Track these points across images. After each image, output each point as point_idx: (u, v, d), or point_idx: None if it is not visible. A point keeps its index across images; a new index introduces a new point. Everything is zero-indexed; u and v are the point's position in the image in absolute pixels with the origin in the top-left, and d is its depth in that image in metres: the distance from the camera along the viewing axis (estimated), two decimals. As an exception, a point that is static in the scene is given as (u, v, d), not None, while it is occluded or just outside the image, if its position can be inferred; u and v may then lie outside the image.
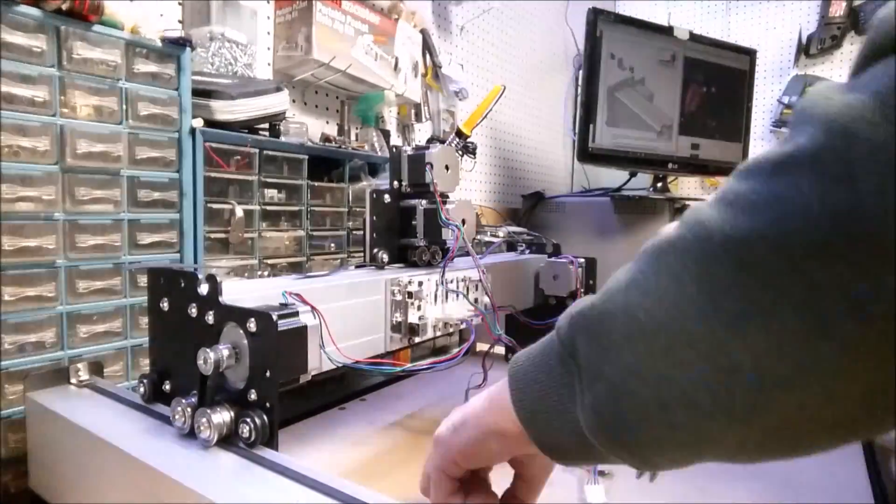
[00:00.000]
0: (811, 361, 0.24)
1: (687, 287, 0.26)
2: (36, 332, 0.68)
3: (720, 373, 0.26)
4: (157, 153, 0.79)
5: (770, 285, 0.24)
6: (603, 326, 0.30)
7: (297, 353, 0.48)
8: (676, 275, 0.27)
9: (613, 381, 0.29)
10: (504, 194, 2.07)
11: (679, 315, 0.27)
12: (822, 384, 0.24)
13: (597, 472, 0.58)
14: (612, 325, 0.29)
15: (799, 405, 0.25)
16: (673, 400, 0.27)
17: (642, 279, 0.29)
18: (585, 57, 1.82)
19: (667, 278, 0.27)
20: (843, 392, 0.24)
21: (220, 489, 0.41)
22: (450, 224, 0.69)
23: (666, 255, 0.28)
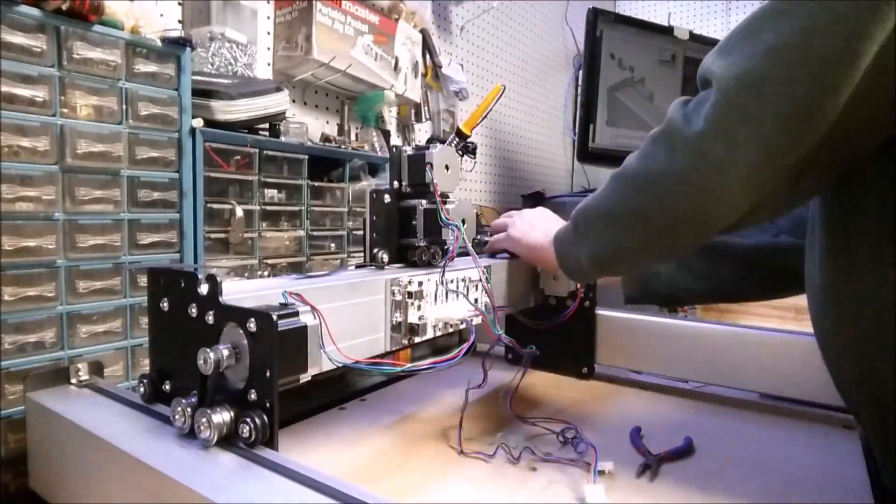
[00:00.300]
0: (629, 204, 0.57)
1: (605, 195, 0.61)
2: (36, 332, 0.68)
3: (618, 223, 0.59)
4: (157, 153, 0.79)
5: (629, 193, 0.57)
6: (585, 215, 0.64)
7: (297, 353, 0.48)
8: (604, 190, 0.61)
9: (590, 244, 0.63)
10: (504, 194, 2.07)
11: (606, 205, 0.60)
12: (632, 213, 0.57)
13: (597, 473, 0.58)
14: (587, 214, 0.64)
15: (631, 220, 0.57)
16: (606, 230, 0.60)
17: (600, 191, 0.62)
18: (585, 57, 1.82)
19: (606, 190, 0.61)
20: (636, 218, 0.57)
21: (220, 489, 0.41)
22: (450, 224, 0.69)
23: (609, 181, 0.60)
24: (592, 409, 0.80)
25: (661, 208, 0.53)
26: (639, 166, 0.56)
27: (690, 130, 0.49)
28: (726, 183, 0.48)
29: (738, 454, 0.66)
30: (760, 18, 0.45)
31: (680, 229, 0.54)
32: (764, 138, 0.45)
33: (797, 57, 0.42)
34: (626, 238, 0.58)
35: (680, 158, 0.51)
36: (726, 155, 0.47)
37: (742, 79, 0.45)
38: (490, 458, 0.63)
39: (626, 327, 0.90)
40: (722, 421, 0.77)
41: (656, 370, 0.89)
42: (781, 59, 0.43)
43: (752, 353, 0.80)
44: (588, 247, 0.63)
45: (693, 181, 0.50)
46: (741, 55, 0.46)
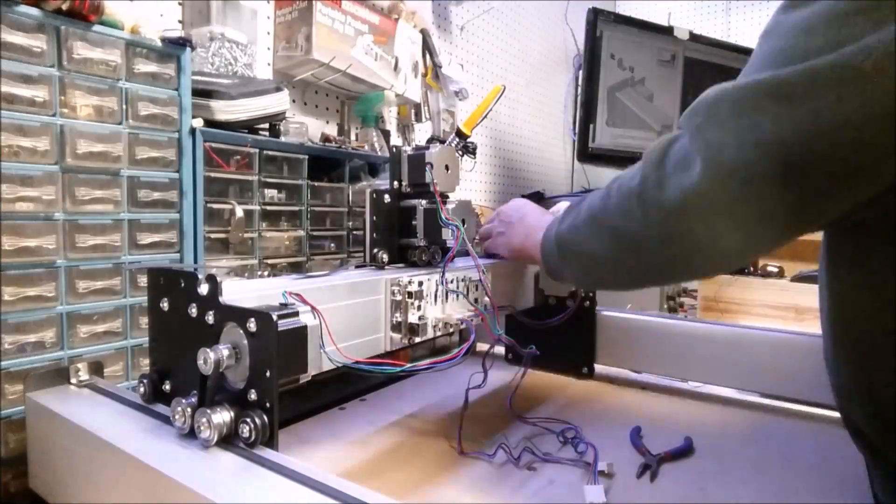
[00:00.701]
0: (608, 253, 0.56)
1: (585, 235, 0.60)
2: (36, 332, 0.67)
3: (598, 264, 0.59)
4: (157, 153, 0.79)
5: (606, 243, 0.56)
6: (567, 243, 0.63)
7: (297, 353, 0.48)
8: (584, 225, 0.60)
9: (575, 270, 0.64)
10: (504, 194, 2.07)
11: (586, 245, 0.60)
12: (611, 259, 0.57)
13: (597, 473, 0.58)
14: (569, 244, 0.63)
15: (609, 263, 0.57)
16: (587, 263, 0.61)
17: (579, 221, 0.61)
18: (585, 57, 1.82)
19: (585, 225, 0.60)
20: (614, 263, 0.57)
21: (220, 489, 0.41)
22: (450, 224, 0.69)
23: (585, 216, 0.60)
24: (592, 409, 0.80)
25: (638, 263, 0.53)
26: (615, 221, 0.54)
27: (667, 202, 0.46)
28: (704, 259, 0.48)
29: (738, 454, 0.66)
30: (759, 97, 0.40)
31: (657, 280, 0.59)
32: (750, 235, 0.43)
33: (796, 158, 0.38)
34: (607, 276, 0.61)
35: (656, 229, 0.48)
36: (707, 243, 0.45)
37: (731, 167, 0.41)
38: (490, 458, 0.63)
39: (626, 327, 0.90)
40: (722, 421, 0.77)
41: (656, 370, 0.89)
42: (777, 155, 0.39)
43: (752, 353, 0.80)
44: (573, 271, 0.65)
45: (670, 254, 0.49)
46: (732, 136, 0.41)
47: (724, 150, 0.41)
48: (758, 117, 0.39)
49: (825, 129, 0.37)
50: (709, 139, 0.42)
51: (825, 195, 0.39)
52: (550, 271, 0.70)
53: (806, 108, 0.37)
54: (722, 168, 0.41)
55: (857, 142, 0.36)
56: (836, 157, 0.37)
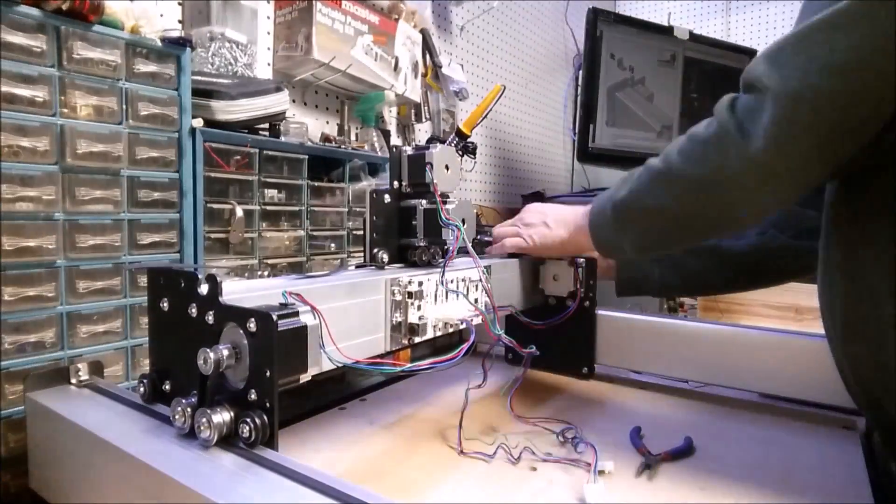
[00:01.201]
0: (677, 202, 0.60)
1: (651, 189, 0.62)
2: (36, 332, 0.67)
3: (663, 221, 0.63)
4: (157, 153, 0.79)
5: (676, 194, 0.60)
6: (625, 207, 0.66)
7: (297, 353, 0.48)
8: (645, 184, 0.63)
9: (636, 235, 0.67)
10: (504, 194, 2.07)
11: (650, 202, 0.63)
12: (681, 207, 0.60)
13: (596, 472, 0.58)
14: (627, 207, 0.66)
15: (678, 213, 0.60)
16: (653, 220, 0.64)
17: (639, 185, 0.64)
18: (585, 57, 1.82)
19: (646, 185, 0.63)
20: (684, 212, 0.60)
21: (220, 489, 0.41)
22: (450, 224, 0.69)
23: (642, 174, 0.64)
24: (592, 409, 0.80)
25: (707, 212, 0.57)
26: (687, 168, 0.57)
27: (750, 145, 0.50)
28: (777, 188, 0.51)
29: (738, 454, 0.66)
30: (815, 31, 0.46)
31: (723, 226, 0.59)
32: (822, 151, 0.47)
33: (854, 76, 0.44)
34: (671, 233, 0.63)
35: (738, 169, 0.52)
36: (785, 169, 0.49)
37: (800, 95, 0.46)
38: (490, 458, 0.63)
39: (626, 327, 0.90)
40: (722, 421, 0.77)
41: (656, 370, 0.89)
42: (837, 76, 0.44)
43: (752, 353, 0.80)
44: (633, 237, 0.67)
45: (747, 188, 0.52)
46: (796, 69, 0.46)
47: (789, 83, 0.47)
48: (816, 50, 0.45)
49: (880, 44, 0.42)
50: (775, 79, 0.48)
51: (886, 103, 0.44)
52: (603, 244, 0.72)
53: (858, 32, 0.43)
54: (793, 98, 0.46)
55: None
56: (886, 63, 0.42)
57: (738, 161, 0.52)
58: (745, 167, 0.51)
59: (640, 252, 0.69)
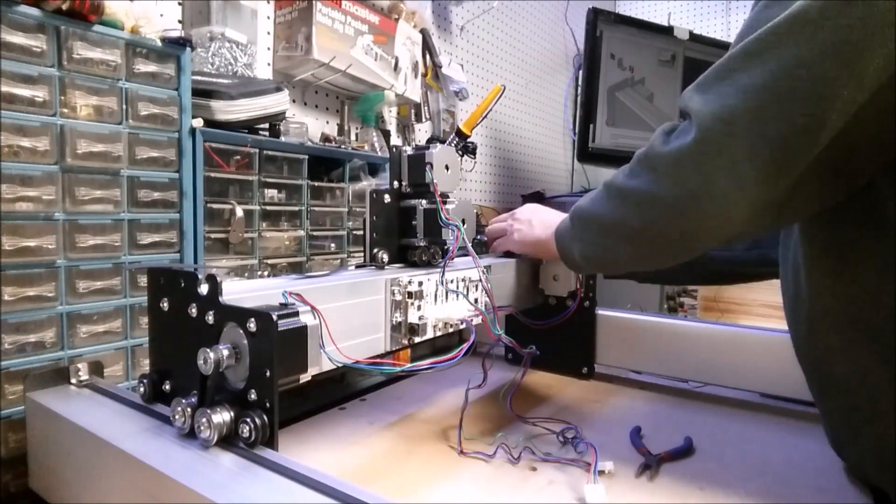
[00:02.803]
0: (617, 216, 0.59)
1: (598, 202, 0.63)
2: (36, 332, 0.67)
3: (606, 233, 0.62)
4: (157, 153, 0.79)
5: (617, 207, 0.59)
6: (580, 215, 0.67)
7: (297, 353, 0.48)
8: (598, 196, 0.63)
9: (583, 243, 0.66)
10: (504, 194, 2.07)
11: (597, 213, 0.63)
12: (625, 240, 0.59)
13: (597, 473, 0.58)
14: (582, 215, 0.66)
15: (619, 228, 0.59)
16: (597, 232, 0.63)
17: (595, 195, 0.64)
18: (585, 57, 1.82)
19: (599, 196, 0.63)
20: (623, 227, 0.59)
21: (220, 489, 0.41)
22: (450, 224, 0.69)
23: (602, 188, 0.63)
24: (592, 409, 0.80)
25: (643, 227, 0.56)
26: (624, 182, 0.58)
27: (670, 157, 0.52)
28: (704, 213, 0.50)
29: (738, 454, 0.66)
30: (735, 59, 0.47)
31: (659, 250, 0.57)
32: (737, 173, 0.47)
33: (766, 97, 0.45)
34: (612, 247, 0.62)
35: (660, 182, 0.53)
36: (703, 186, 0.49)
37: (717, 116, 0.47)
38: (490, 458, 0.63)
39: (626, 327, 0.90)
40: (722, 421, 0.77)
41: (656, 370, 0.89)
42: (753, 99, 0.45)
43: (752, 353, 0.80)
44: (580, 246, 0.67)
45: (672, 207, 0.52)
46: (717, 93, 0.48)
47: (709, 105, 0.48)
48: (735, 75, 0.47)
49: (787, 68, 0.44)
50: (699, 102, 0.49)
51: (796, 128, 0.44)
52: (561, 250, 0.72)
53: (770, 56, 0.45)
54: (709, 117, 0.48)
55: (814, 75, 0.42)
56: (800, 90, 0.43)
57: (663, 172, 0.52)
58: (668, 180, 0.52)
59: (586, 264, 0.68)
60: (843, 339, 0.53)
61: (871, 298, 0.50)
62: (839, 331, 0.53)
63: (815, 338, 0.57)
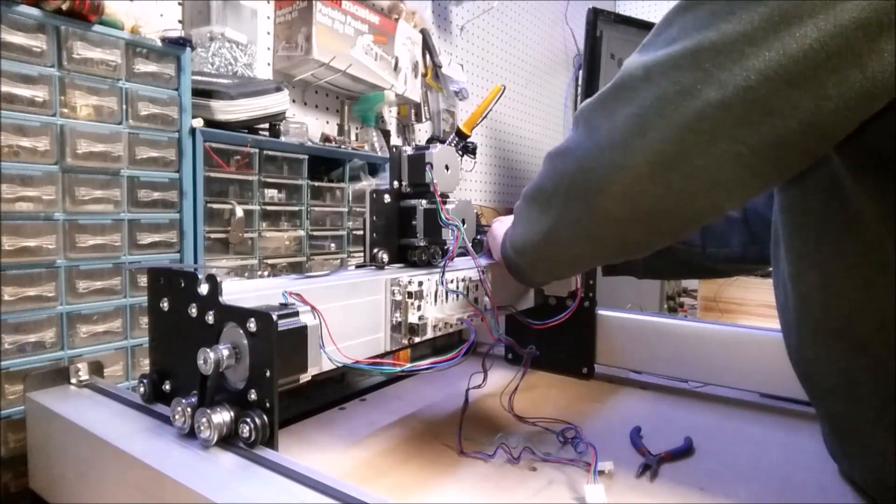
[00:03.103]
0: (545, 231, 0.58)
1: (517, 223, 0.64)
2: (36, 332, 0.68)
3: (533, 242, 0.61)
4: (157, 153, 0.79)
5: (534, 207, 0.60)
6: (516, 247, 0.65)
7: (297, 353, 0.48)
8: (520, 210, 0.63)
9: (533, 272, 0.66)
10: (504, 194, 2.07)
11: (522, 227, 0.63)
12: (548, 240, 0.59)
13: (597, 473, 0.58)
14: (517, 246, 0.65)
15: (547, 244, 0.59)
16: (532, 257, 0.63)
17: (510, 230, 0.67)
18: (585, 57, 1.82)
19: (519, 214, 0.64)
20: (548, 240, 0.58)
21: (220, 489, 0.41)
22: (450, 224, 0.69)
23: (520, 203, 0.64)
24: (592, 409, 0.80)
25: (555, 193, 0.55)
26: (532, 186, 0.60)
27: (587, 107, 0.50)
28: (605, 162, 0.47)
29: (738, 454, 0.66)
30: (671, 14, 0.44)
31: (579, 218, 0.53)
32: (641, 118, 0.44)
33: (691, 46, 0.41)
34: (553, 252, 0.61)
35: (571, 151, 0.52)
36: (606, 132, 0.47)
37: (638, 63, 0.45)
38: (490, 458, 0.63)
39: (626, 327, 0.90)
40: (722, 421, 0.77)
41: (656, 370, 0.89)
42: (677, 48, 0.42)
43: (752, 353, 0.80)
44: (532, 275, 0.68)
45: (579, 158, 0.50)
46: (649, 47, 0.45)
47: (639, 57, 0.46)
48: (667, 29, 0.44)
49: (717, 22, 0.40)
50: (631, 57, 0.47)
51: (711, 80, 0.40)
52: (524, 282, 0.71)
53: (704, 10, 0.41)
54: (631, 65, 0.46)
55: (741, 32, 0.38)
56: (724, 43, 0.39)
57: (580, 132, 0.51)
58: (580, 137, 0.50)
59: (548, 278, 0.70)
60: (830, 350, 0.53)
61: (856, 311, 0.49)
62: (826, 342, 0.53)
63: (804, 348, 0.57)
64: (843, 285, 0.50)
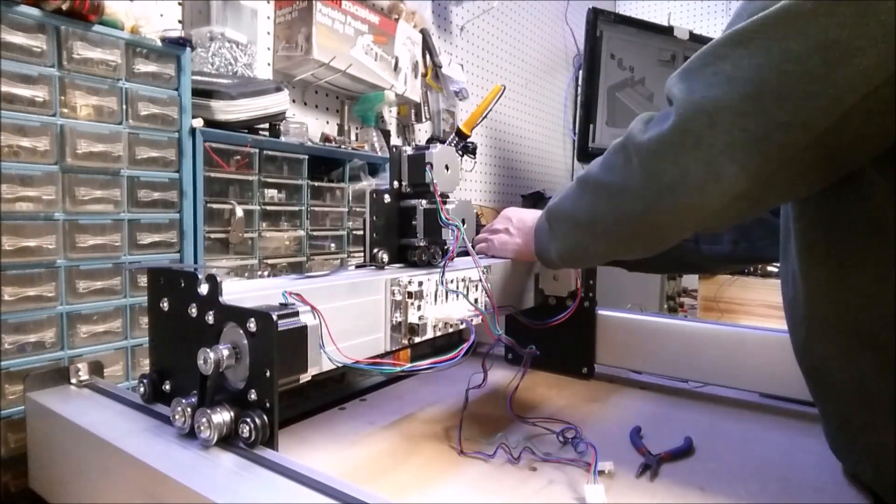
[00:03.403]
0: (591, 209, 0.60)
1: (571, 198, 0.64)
2: (36, 332, 0.67)
3: (580, 229, 0.63)
4: (157, 153, 0.79)
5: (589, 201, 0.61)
6: (555, 214, 0.68)
7: (297, 353, 0.48)
8: (572, 192, 0.64)
9: (559, 242, 0.67)
10: (504, 194, 2.07)
11: (571, 209, 0.64)
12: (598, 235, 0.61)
13: (596, 473, 0.58)
14: (556, 214, 0.68)
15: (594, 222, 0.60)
16: (572, 227, 0.65)
17: (568, 192, 0.66)
18: (585, 57, 1.82)
19: (572, 192, 0.64)
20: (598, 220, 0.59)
21: (220, 489, 0.41)
22: (450, 224, 0.69)
23: (575, 183, 0.64)
24: (592, 409, 0.80)
25: (616, 221, 0.56)
26: (599, 176, 0.58)
27: (646, 147, 0.51)
28: (675, 204, 0.50)
29: (738, 454, 0.66)
30: (722, 47, 0.46)
31: (633, 241, 0.57)
32: (714, 166, 0.46)
33: (751, 91, 0.43)
34: (588, 243, 0.63)
35: (634, 174, 0.53)
36: (677, 178, 0.48)
37: (698, 106, 0.46)
38: (490, 458, 0.63)
39: (626, 327, 0.90)
40: (722, 421, 0.77)
41: (656, 370, 0.89)
42: (737, 91, 0.44)
43: (752, 353, 0.80)
44: (557, 244, 0.68)
45: (645, 198, 0.52)
46: (701, 82, 0.47)
47: (693, 94, 0.47)
48: (720, 64, 0.46)
49: (775, 62, 0.42)
50: (682, 89, 0.48)
51: (780, 127, 0.43)
52: (540, 253, 0.73)
53: (757, 46, 0.43)
54: (691, 107, 0.47)
55: (802, 72, 0.41)
56: (785, 86, 0.42)
57: (637, 164, 0.52)
58: (642, 172, 0.51)
59: (563, 261, 0.69)
60: (840, 346, 0.53)
61: (869, 306, 0.49)
62: (836, 338, 0.53)
63: (812, 344, 0.57)
64: (854, 280, 0.50)
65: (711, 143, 0.45)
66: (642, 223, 0.54)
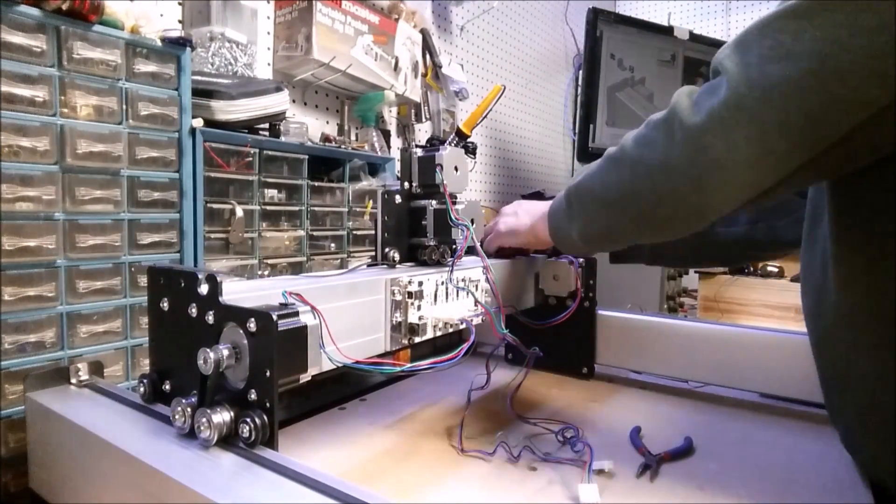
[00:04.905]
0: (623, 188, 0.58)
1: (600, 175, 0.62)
2: (36, 332, 0.67)
3: (610, 207, 0.60)
4: (157, 153, 0.79)
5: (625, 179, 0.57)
6: (579, 193, 0.66)
7: (297, 353, 0.48)
8: (600, 169, 0.62)
9: (582, 221, 0.65)
10: (504, 194, 2.07)
11: (600, 187, 0.61)
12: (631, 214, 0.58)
13: (591, 472, 0.58)
14: (581, 192, 0.66)
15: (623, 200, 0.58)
16: (600, 224, 0.63)
17: (594, 170, 0.63)
18: (585, 57, 1.82)
19: (600, 170, 0.62)
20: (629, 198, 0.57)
21: (220, 489, 0.41)
22: (459, 224, 0.70)
23: (600, 161, 0.62)
24: (592, 409, 0.80)
25: (655, 199, 0.53)
26: (636, 152, 0.55)
27: (692, 121, 0.48)
28: (722, 180, 0.48)
29: (738, 454, 0.66)
30: (781, 19, 0.44)
31: (671, 220, 0.54)
32: (765, 143, 0.44)
33: (813, 66, 0.41)
34: (617, 222, 0.60)
35: (679, 149, 0.50)
36: (725, 153, 0.46)
37: (753, 81, 0.44)
38: (490, 457, 0.63)
39: (626, 327, 0.90)
40: (722, 421, 0.77)
41: (656, 370, 0.89)
42: (796, 67, 0.42)
43: (752, 353, 0.80)
44: (580, 224, 0.65)
45: (689, 175, 0.50)
46: (757, 55, 0.44)
47: (749, 69, 0.45)
48: (780, 36, 0.43)
49: (841, 37, 0.40)
50: (736, 62, 0.46)
51: (840, 104, 0.41)
52: (556, 231, 0.70)
53: (823, 20, 0.41)
54: (745, 81, 0.44)
55: (871, 48, 0.39)
56: (849, 63, 0.40)
57: (682, 139, 0.49)
58: (687, 147, 0.49)
59: (585, 242, 0.66)
60: (869, 336, 0.51)
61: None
62: (866, 327, 0.52)
63: (839, 332, 0.55)
64: (892, 268, 0.48)
65: (764, 118, 0.44)
66: (683, 201, 0.51)
